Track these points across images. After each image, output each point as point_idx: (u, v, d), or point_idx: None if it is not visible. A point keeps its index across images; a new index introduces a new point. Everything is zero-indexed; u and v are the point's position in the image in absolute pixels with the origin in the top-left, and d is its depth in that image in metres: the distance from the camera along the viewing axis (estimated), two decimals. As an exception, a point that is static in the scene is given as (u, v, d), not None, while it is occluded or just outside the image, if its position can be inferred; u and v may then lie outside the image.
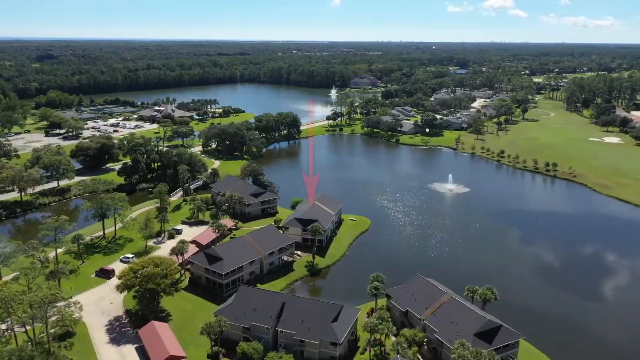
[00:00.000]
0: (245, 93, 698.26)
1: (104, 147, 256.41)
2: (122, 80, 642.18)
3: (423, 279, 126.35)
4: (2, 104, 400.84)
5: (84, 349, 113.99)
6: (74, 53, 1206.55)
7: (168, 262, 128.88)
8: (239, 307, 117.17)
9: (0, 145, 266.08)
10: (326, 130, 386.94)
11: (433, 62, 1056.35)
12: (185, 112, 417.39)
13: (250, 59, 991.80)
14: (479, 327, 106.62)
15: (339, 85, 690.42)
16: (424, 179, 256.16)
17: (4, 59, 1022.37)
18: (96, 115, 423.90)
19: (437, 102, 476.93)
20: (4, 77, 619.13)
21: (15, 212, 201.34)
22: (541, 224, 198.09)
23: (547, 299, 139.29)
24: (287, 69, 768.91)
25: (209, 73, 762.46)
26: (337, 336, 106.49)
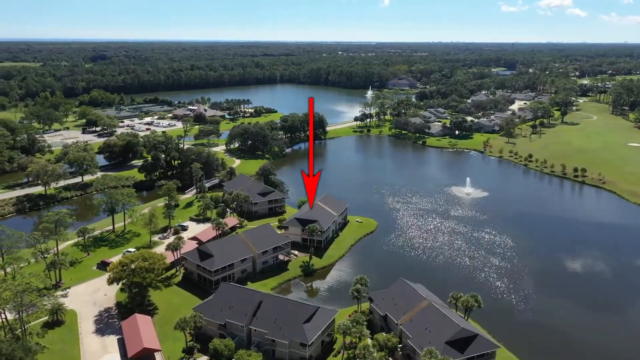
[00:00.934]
0: (283, 93, 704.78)
1: (129, 144, 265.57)
2: (164, 80, 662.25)
3: (406, 284, 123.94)
4: (47, 102, 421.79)
5: (69, 337, 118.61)
6: (126, 54, 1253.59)
7: (156, 257, 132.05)
8: (217, 303, 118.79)
9: (34, 141, 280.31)
10: (353, 131, 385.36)
11: (479, 63, 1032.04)
12: (217, 111, 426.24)
13: (293, 60, 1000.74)
14: (452, 335, 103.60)
15: (377, 86, 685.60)
16: (442, 182, 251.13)
17: (62, 60, 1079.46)
18: (134, 113, 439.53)
19: (472, 104, 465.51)
20: (56, 77, 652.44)
21: (39, 205, 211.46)
22: (554, 231, 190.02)
23: (544, 310, 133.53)
24: (326, 69, 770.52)
25: (249, 73, 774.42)
26: (306, 337, 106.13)
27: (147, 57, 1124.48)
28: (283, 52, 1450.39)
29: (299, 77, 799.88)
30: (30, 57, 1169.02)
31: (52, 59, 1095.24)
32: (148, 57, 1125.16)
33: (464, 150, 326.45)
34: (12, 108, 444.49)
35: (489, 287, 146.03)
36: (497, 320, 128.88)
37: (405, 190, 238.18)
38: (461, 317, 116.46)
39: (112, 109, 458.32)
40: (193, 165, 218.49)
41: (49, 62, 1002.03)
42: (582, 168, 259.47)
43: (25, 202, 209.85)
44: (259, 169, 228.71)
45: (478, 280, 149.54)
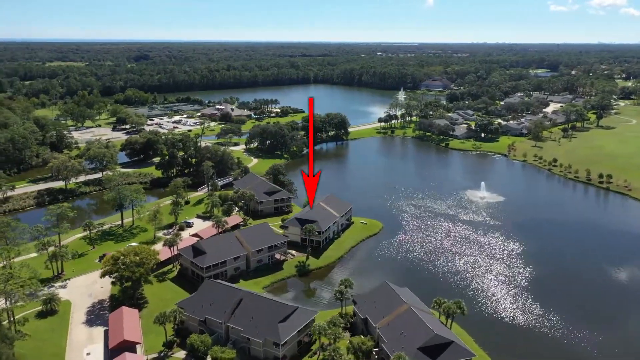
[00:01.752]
0: (315, 94, 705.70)
1: (149, 142, 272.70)
2: (199, 80, 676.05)
3: (389, 287, 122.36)
4: (83, 100, 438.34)
5: (59, 327, 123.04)
6: (169, 54, 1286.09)
7: (148, 252, 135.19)
8: (200, 299, 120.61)
9: (63, 137, 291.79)
10: (377, 132, 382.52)
11: (521, 65, 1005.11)
12: (244, 111, 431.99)
13: (329, 60, 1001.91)
14: (425, 341, 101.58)
15: (409, 87, 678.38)
16: (458, 185, 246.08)
17: (107, 59, 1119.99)
18: (164, 112, 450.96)
19: (504, 106, 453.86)
20: (97, 76, 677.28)
21: (58, 199, 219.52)
22: (565, 239, 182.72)
23: (538, 320, 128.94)
24: (359, 70, 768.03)
25: (283, 74, 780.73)
26: (279, 336, 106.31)
27: (188, 57, 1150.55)
28: (321, 53, 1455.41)
29: (333, 78, 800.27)
30: (78, 57, 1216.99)
31: (98, 59, 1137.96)
32: (188, 57, 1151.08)
33: (487, 154, 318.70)
34: (52, 106, 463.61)
35: (486, 293, 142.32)
36: (487, 328, 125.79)
37: (418, 192, 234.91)
38: (442, 324, 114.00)
39: (145, 108, 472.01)
40: (204, 164, 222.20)
41: (94, 62, 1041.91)
42: (608, 174, 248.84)
43: (45, 196, 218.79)
44: (269, 168, 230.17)
45: (476, 286, 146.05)
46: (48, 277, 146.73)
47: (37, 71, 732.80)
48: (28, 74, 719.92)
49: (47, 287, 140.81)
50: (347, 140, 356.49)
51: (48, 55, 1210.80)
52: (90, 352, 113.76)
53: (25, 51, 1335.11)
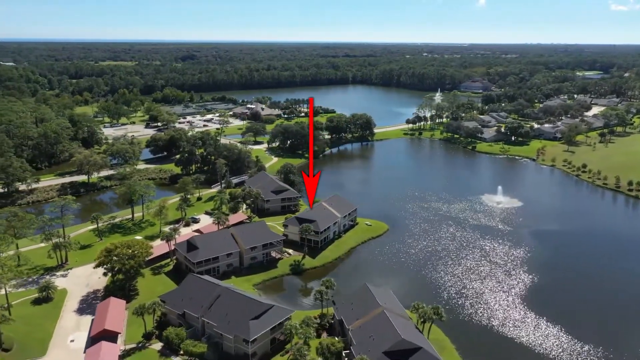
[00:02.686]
0: (353, 94, 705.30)
1: (172, 139, 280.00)
2: (238, 79, 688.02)
3: (368, 289, 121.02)
4: (122, 98, 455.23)
5: (51, 314, 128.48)
6: (215, 54, 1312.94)
7: (140, 246, 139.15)
8: (181, 293, 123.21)
9: (93, 133, 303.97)
10: (404, 133, 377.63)
11: (570, 66, 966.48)
12: (274, 110, 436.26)
13: (370, 61, 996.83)
14: (391, 345, 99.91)
15: (448, 88, 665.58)
16: (476, 189, 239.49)
17: (156, 59, 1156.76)
18: (198, 110, 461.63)
19: (542, 108, 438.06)
20: (142, 75, 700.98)
21: (79, 192, 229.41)
22: (578, 248, 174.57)
23: (528, 331, 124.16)
24: (398, 71, 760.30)
25: (322, 74, 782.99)
26: (249, 333, 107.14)
27: (232, 57, 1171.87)
28: (366, 54, 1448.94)
29: (371, 78, 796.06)
30: (129, 56, 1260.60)
31: (147, 58, 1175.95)
32: (233, 57, 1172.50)
33: (514, 157, 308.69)
34: (94, 103, 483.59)
35: (479, 300, 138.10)
36: (473, 335, 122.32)
37: (433, 195, 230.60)
38: (417, 329, 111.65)
39: (181, 106, 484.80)
40: (217, 161, 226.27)
41: (143, 61, 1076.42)
42: (638, 182, 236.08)
43: (67, 189, 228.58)
44: (280, 167, 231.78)
45: (471, 292, 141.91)
46: (52, 266, 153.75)
47: (86, 70, 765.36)
48: (79, 72, 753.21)
49: (48, 276, 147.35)
50: (372, 141, 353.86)
51: (101, 55, 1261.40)
52: (75, 340, 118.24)
53: (81, 51, 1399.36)
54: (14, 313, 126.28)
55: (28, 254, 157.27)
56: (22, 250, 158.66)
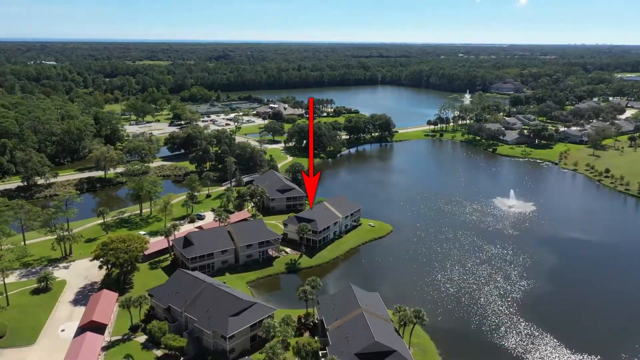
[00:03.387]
0: (380, 95, 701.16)
1: (189, 137, 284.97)
2: (266, 79, 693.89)
3: (350, 290, 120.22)
4: (149, 97, 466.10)
5: (47, 303, 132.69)
6: (249, 54, 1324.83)
7: (135, 240, 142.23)
8: (168, 287, 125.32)
9: (116, 130, 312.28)
10: (425, 135, 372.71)
11: (611, 67, 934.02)
12: (297, 110, 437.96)
13: (401, 62, 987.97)
14: (363, 347, 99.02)
15: (479, 89, 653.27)
16: (489, 192, 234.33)
17: (191, 59, 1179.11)
18: (223, 109, 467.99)
19: (572, 111, 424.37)
20: (174, 74, 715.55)
21: (96, 187, 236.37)
22: (586, 255, 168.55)
23: (515, 339, 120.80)
24: (427, 71, 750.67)
25: (350, 74, 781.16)
26: (227, 329, 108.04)
27: (265, 57, 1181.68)
28: (400, 54, 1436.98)
29: (401, 79, 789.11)
30: (166, 56, 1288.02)
31: (183, 58, 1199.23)
32: (266, 57, 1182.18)
33: (536, 161, 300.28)
34: (124, 101, 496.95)
35: (472, 304, 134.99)
36: (460, 340, 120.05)
37: (444, 197, 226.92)
38: (396, 332, 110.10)
39: (207, 105, 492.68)
40: (227, 159, 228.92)
41: (178, 61, 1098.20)
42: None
43: (85, 184, 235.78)
44: (289, 166, 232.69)
45: (465, 297, 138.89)
46: (56, 257, 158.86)
47: (122, 69, 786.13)
48: (114, 71, 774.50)
49: (51, 267, 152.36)
50: (392, 142, 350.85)
51: (139, 55, 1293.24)
52: (65, 329, 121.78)
53: (121, 51, 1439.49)
54: (12, 301, 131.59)
55: (35, 246, 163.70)
56: (30, 242, 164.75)
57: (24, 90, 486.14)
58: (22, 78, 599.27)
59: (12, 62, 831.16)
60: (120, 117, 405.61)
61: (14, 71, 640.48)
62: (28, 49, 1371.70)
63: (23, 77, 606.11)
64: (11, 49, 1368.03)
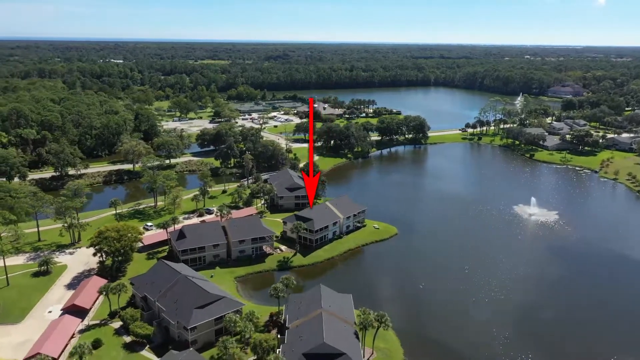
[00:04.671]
0: (434, 95, 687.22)
1: (218, 133, 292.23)
2: (315, 79, 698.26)
3: (318, 291, 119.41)
4: (196, 94, 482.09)
5: (43, 286, 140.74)
6: (309, 55, 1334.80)
7: (129, 231, 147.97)
8: (148, 277, 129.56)
9: (153, 126, 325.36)
10: (462, 138, 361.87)
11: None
12: (336, 110, 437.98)
13: (459, 63, 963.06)
14: (311, 348, 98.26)
15: (535, 92, 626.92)
16: (512, 199, 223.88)
17: (251, 58, 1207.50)
18: (266, 108, 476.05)
19: (629, 117, 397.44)
20: (229, 72, 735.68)
21: (123, 179, 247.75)
22: (604, 274, 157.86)
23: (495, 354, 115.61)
24: (482, 73, 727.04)
25: (402, 75, 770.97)
26: (189, 321, 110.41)
27: (322, 57, 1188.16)
28: (462, 55, 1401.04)
29: (454, 80, 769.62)
30: (227, 55, 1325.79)
31: (243, 57, 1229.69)
32: (323, 57, 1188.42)
33: (574, 168, 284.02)
34: (174, 98, 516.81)
35: (461, 317, 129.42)
36: (434, 350, 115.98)
37: (462, 202, 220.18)
38: (354, 335, 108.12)
39: (251, 103, 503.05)
40: (244, 156, 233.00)
41: (237, 60, 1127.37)
42: None
43: (113, 175, 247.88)
44: (303, 165, 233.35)
45: (455, 308, 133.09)
46: (66, 243, 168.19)
47: (180, 67, 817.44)
48: (173, 69, 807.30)
49: (58, 252, 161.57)
50: (426, 144, 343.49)
51: (203, 54, 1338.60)
52: (52, 311, 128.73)
53: (186, 50, 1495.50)
54: (12, 282, 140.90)
55: (48, 232, 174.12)
56: (44, 228, 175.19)
57: (84, 87, 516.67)
58: (86, 75, 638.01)
59: (83, 61, 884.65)
60: (165, 114, 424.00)
61: (80, 68, 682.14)
62: (102, 48, 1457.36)
63: (88, 74, 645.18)
64: (87, 47, 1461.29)
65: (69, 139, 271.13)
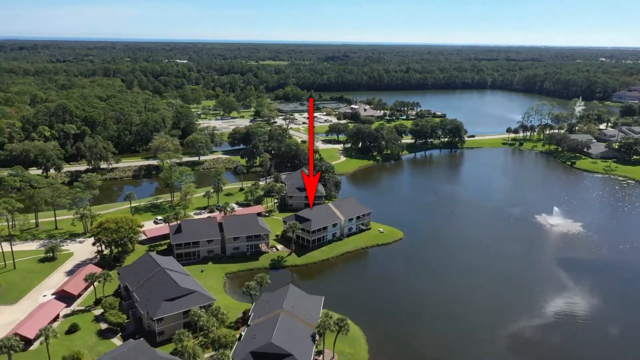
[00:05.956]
0: (490, 99, 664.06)
1: (248, 133, 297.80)
2: (366, 80, 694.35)
3: (285, 291, 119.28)
4: (242, 94, 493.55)
5: (46, 270, 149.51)
6: (369, 56, 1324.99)
7: (127, 223, 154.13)
8: (132, 268, 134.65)
9: (191, 124, 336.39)
10: (502, 143, 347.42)
11: None
12: (376, 112, 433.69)
13: (521, 65, 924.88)
14: (259, 346, 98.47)
15: (599, 97, 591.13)
16: (537, 208, 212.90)
17: (311, 59, 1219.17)
18: (308, 108, 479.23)
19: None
20: (283, 73, 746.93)
21: (151, 174, 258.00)
22: (610, 295, 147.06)
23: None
24: (542, 76, 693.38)
25: (456, 77, 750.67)
26: (156, 312, 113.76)
27: (381, 58, 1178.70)
28: (530, 57, 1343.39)
29: (512, 84, 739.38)
30: (288, 56, 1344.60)
31: (303, 58, 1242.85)
32: (382, 58, 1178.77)
33: (617, 178, 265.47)
34: (221, 97, 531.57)
35: (447, 333, 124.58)
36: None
37: (482, 209, 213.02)
38: (310, 337, 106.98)
39: (296, 104, 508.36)
40: (263, 156, 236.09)
41: (296, 61, 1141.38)
42: None
43: (142, 170, 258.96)
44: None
45: (445, 319, 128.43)
46: (78, 232, 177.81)
47: (237, 68, 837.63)
48: (230, 69, 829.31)
49: (69, 240, 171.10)
50: (462, 148, 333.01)
51: (265, 55, 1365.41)
52: (47, 295, 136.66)
53: (250, 51, 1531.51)
54: (19, 266, 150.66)
55: (65, 222, 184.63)
56: (61, 218, 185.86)
57: (141, 85, 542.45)
58: (148, 74, 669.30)
59: (148, 61, 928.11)
60: (209, 112, 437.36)
61: (142, 68, 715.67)
62: (171, 49, 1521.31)
63: (149, 73, 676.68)
64: (156, 48, 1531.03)
65: (108, 135, 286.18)
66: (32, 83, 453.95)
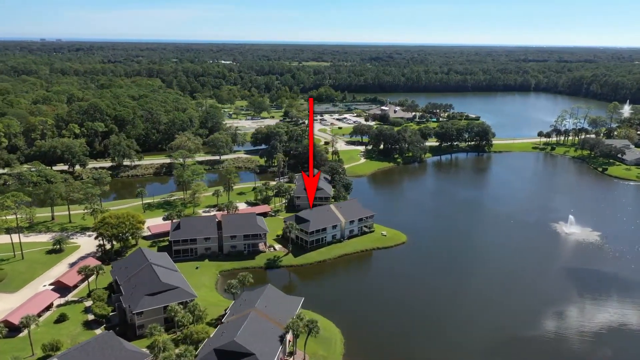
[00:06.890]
0: (533, 102, 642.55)
1: (270, 132, 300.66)
2: (404, 82, 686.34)
3: (261, 290, 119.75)
4: (275, 95, 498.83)
5: (51, 261, 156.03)
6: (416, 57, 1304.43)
7: (127, 219, 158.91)
8: (124, 262, 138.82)
9: (218, 123, 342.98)
10: (533, 147, 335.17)
11: None
12: (406, 113, 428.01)
13: (570, 67, 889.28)
14: (222, 344, 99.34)
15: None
16: (554, 216, 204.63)
17: (355, 59, 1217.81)
18: (340, 109, 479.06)
19: None
20: (322, 73, 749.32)
21: (171, 171, 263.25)
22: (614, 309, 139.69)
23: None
24: (589, 78, 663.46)
25: (498, 79, 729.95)
26: (136, 306, 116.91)
27: (424, 59, 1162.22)
28: (584, 59, 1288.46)
29: (558, 86, 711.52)
30: (331, 57, 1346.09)
31: (346, 59, 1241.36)
32: (425, 59, 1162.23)
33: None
34: (259, 97, 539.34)
35: (434, 341, 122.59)
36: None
37: (496, 215, 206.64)
38: (278, 338, 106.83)
39: (329, 104, 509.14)
40: (277, 156, 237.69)
41: (338, 62, 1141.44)
42: None
43: (163, 168, 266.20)
44: (327, 167, 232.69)
45: (436, 328, 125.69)
46: (89, 226, 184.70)
47: (277, 69, 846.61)
48: (270, 70, 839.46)
49: (79, 233, 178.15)
50: (490, 152, 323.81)
51: (308, 56, 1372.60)
52: (46, 285, 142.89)
53: (294, 52, 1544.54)
54: (27, 256, 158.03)
55: (78, 216, 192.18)
56: (75, 212, 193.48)
57: (180, 86, 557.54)
58: (189, 75, 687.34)
59: (193, 62, 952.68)
60: (240, 112, 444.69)
61: (185, 68, 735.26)
62: (219, 50, 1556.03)
63: (191, 74, 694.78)
64: (204, 49, 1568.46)
65: (136, 133, 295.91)
66: (75, 82, 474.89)
